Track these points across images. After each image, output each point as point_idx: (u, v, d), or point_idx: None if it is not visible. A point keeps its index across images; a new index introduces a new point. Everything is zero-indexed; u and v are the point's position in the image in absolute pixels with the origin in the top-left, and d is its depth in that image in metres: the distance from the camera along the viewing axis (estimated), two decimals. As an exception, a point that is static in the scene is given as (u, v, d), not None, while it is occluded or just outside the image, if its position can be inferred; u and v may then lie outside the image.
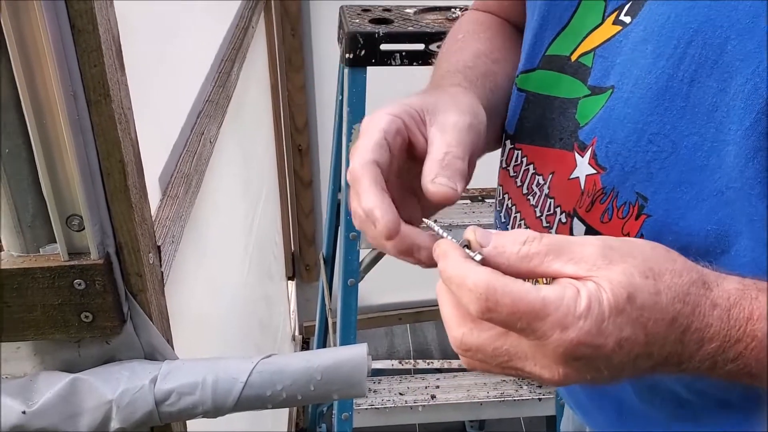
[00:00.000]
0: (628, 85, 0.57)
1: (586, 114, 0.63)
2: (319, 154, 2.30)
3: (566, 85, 0.66)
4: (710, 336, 0.47)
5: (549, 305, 0.43)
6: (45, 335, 0.62)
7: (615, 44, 0.60)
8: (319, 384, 0.64)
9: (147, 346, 0.66)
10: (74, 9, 0.52)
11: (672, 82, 0.54)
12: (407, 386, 1.67)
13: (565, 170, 0.65)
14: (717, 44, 0.51)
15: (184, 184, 0.81)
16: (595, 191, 0.60)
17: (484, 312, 0.44)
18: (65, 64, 0.53)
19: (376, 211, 0.51)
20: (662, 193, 0.56)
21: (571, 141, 0.64)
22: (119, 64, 0.57)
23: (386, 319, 2.57)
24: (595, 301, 0.43)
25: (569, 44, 0.66)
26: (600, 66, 0.62)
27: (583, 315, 0.43)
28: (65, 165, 0.56)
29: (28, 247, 0.60)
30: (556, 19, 0.67)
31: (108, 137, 0.57)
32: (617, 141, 0.58)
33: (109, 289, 0.60)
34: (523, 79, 0.71)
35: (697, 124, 0.53)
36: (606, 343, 0.44)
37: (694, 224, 0.54)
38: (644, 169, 0.56)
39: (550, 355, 0.44)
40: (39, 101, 0.54)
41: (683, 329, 0.46)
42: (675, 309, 0.46)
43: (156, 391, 0.62)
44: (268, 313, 1.92)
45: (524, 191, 0.71)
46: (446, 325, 0.48)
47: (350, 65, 1.37)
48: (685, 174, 0.54)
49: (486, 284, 0.43)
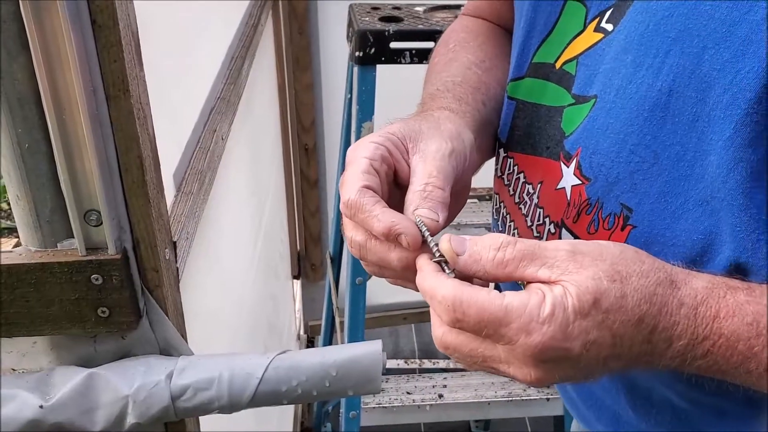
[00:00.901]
0: (610, 95, 0.57)
1: (570, 123, 0.62)
2: (326, 153, 2.30)
3: (552, 93, 0.65)
4: (678, 334, 0.48)
5: (511, 312, 0.45)
6: (62, 330, 0.62)
7: (597, 52, 0.60)
8: (335, 380, 0.64)
9: (162, 341, 0.66)
10: (95, 4, 0.52)
11: (651, 92, 0.53)
12: (414, 385, 1.67)
13: (552, 180, 0.64)
14: (694, 53, 0.51)
15: (198, 180, 0.81)
16: (580, 202, 0.60)
17: (454, 322, 0.47)
18: (85, 59, 0.53)
19: (397, 227, 0.52)
20: (646, 204, 0.55)
21: (557, 150, 0.64)
22: (138, 59, 0.58)
23: (391, 319, 2.57)
24: (559, 307, 0.45)
25: (554, 51, 0.65)
26: (583, 74, 0.61)
27: (546, 320, 0.45)
28: (84, 160, 0.56)
29: (45, 242, 0.60)
30: (541, 26, 0.66)
31: (126, 132, 0.57)
32: (600, 151, 0.58)
33: (125, 285, 0.61)
34: (512, 87, 0.71)
35: (678, 134, 0.52)
36: (572, 347, 0.46)
37: (680, 234, 0.54)
38: (628, 179, 0.56)
39: (520, 358, 0.46)
40: (59, 96, 0.54)
41: (650, 329, 0.48)
42: (641, 310, 0.47)
43: (172, 387, 0.63)
44: (275, 312, 1.92)
45: (516, 200, 0.71)
46: (432, 324, 0.51)
47: (360, 63, 1.37)
48: (668, 184, 0.54)
49: (453, 296, 0.47)
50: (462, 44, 0.78)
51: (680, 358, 0.49)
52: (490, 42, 0.79)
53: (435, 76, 0.73)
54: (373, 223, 0.53)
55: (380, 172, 0.56)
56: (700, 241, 0.53)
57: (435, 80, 0.72)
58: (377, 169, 0.56)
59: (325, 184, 2.36)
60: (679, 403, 0.62)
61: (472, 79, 0.72)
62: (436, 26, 1.38)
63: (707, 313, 0.48)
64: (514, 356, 0.47)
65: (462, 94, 0.69)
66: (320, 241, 2.46)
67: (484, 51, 0.76)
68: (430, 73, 0.76)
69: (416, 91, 0.91)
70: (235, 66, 1.18)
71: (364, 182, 0.54)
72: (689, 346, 0.48)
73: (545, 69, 0.66)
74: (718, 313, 0.48)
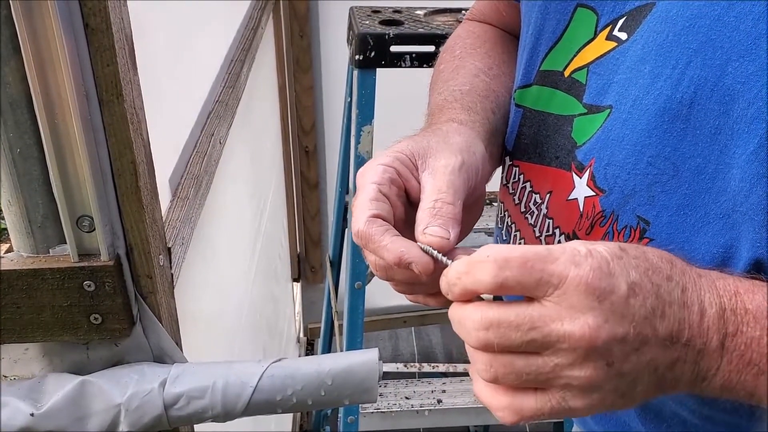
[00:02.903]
0: (626, 105, 0.56)
1: (582, 133, 0.61)
2: (326, 155, 2.30)
3: (560, 101, 0.64)
4: (708, 300, 0.47)
5: (555, 251, 0.44)
6: (54, 337, 0.61)
7: (611, 61, 0.59)
8: (330, 389, 0.63)
9: (156, 348, 0.65)
10: (87, 7, 0.51)
11: (671, 103, 0.53)
12: (413, 390, 1.66)
13: (562, 190, 0.63)
14: (717, 65, 0.50)
15: (194, 185, 0.80)
16: (594, 214, 0.59)
17: (498, 273, 0.44)
18: (78, 63, 0.53)
19: (406, 257, 0.51)
20: (665, 217, 0.54)
21: (567, 160, 0.63)
22: (132, 63, 0.57)
23: (391, 322, 2.56)
24: (593, 249, 0.45)
25: (562, 59, 0.64)
26: (595, 83, 0.60)
27: (588, 255, 0.44)
28: (76, 165, 0.56)
29: (37, 248, 0.60)
30: (550, 33, 0.65)
31: (120, 137, 0.56)
32: (616, 163, 0.57)
33: (118, 291, 0.60)
34: (520, 95, 0.70)
35: (699, 146, 0.52)
36: (620, 284, 0.44)
37: (700, 247, 0.53)
38: (645, 192, 0.55)
39: (574, 302, 0.43)
40: (51, 100, 0.53)
41: (681, 288, 0.46)
42: (666, 266, 0.46)
43: (165, 395, 0.62)
44: (274, 315, 1.91)
45: (522, 209, 0.70)
46: (464, 323, 0.47)
47: (360, 67, 1.36)
48: (688, 197, 0.53)
49: (490, 248, 0.45)
50: (469, 51, 0.77)
51: (716, 333, 0.46)
52: (497, 48, 0.77)
53: (442, 85, 0.72)
54: (383, 253, 0.52)
55: (390, 195, 0.55)
56: (719, 255, 0.52)
57: (442, 89, 0.71)
58: (386, 193, 0.55)
59: (325, 186, 2.36)
60: (691, 419, 0.61)
61: (480, 87, 0.71)
62: (437, 30, 1.38)
63: (727, 287, 0.47)
64: (567, 301, 0.43)
65: (471, 104, 0.68)
66: (320, 244, 2.45)
67: (491, 57, 0.75)
68: (435, 81, 0.75)
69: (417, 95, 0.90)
70: (234, 69, 1.18)
71: (373, 211, 0.53)
72: (721, 319, 0.46)
73: (554, 77, 0.65)
74: (737, 289, 0.47)
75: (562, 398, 0.45)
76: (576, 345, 0.43)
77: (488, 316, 0.45)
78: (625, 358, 0.45)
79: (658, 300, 0.45)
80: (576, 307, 0.43)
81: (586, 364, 0.44)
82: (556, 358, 0.44)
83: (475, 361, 0.47)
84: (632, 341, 0.44)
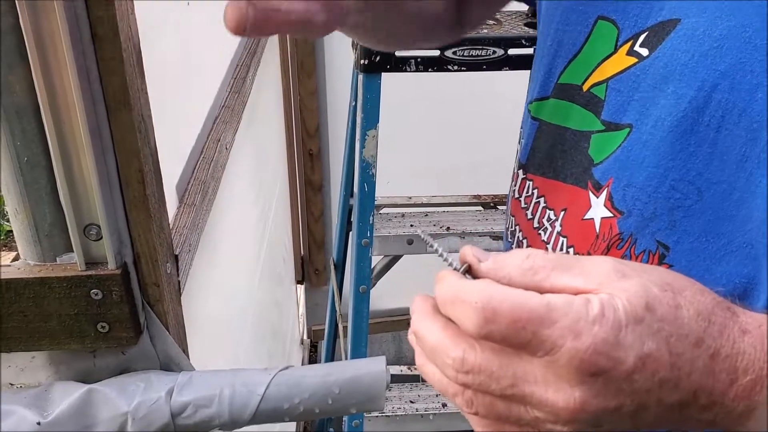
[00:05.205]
0: (647, 125, 0.54)
1: (600, 151, 0.60)
2: (330, 158, 2.30)
3: (578, 116, 0.63)
4: (744, 367, 0.40)
5: (556, 310, 0.38)
6: (61, 345, 0.61)
7: (631, 78, 0.57)
8: (338, 398, 0.63)
9: (163, 356, 0.65)
10: (95, 16, 0.51)
11: (698, 126, 0.50)
12: (418, 394, 1.65)
13: (578, 209, 0.62)
14: (746, 90, 0.48)
15: (201, 191, 0.80)
16: (611, 236, 0.57)
17: (482, 326, 0.38)
18: (85, 72, 0.53)
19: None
20: (686, 243, 0.52)
21: (584, 178, 0.61)
22: (140, 71, 0.57)
23: (394, 324, 2.56)
24: (609, 308, 0.38)
25: (581, 73, 0.62)
26: (614, 100, 0.59)
27: (597, 320, 0.38)
28: (84, 174, 0.55)
29: (44, 256, 0.59)
30: (569, 45, 0.64)
31: (127, 146, 0.56)
32: (635, 185, 0.55)
33: (125, 300, 0.60)
34: (536, 107, 0.68)
35: (726, 173, 0.49)
36: (626, 357, 0.38)
37: (721, 277, 0.50)
38: (666, 216, 0.53)
39: (563, 373, 0.38)
40: (58, 109, 0.53)
41: (712, 353, 0.40)
42: (700, 327, 0.40)
43: (172, 404, 0.62)
44: (278, 318, 1.91)
45: (535, 225, 0.68)
46: (439, 351, 0.42)
47: (365, 71, 1.36)
48: (712, 223, 0.51)
49: (480, 292, 0.39)
50: None
51: (746, 401, 0.41)
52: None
53: None
54: None
55: None
56: (741, 285, 0.50)
57: None
58: None
59: (330, 189, 2.36)
60: None
61: None
62: (442, 33, 1.37)
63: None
64: (555, 371, 0.39)
65: None
66: (324, 246, 2.45)
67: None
68: None
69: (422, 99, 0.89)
70: (240, 73, 1.17)
71: None
72: (757, 386, 0.40)
73: (571, 91, 0.64)
74: None
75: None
76: (558, 412, 0.40)
77: (470, 360, 0.40)
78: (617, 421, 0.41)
79: (672, 372, 0.40)
80: (564, 378, 0.39)
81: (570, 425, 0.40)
82: (537, 413, 0.41)
83: (455, 394, 0.43)
84: (627, 410, 0.40)
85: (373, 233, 1.49)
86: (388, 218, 1.66)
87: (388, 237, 1.59)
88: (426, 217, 1.68)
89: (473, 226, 1.63)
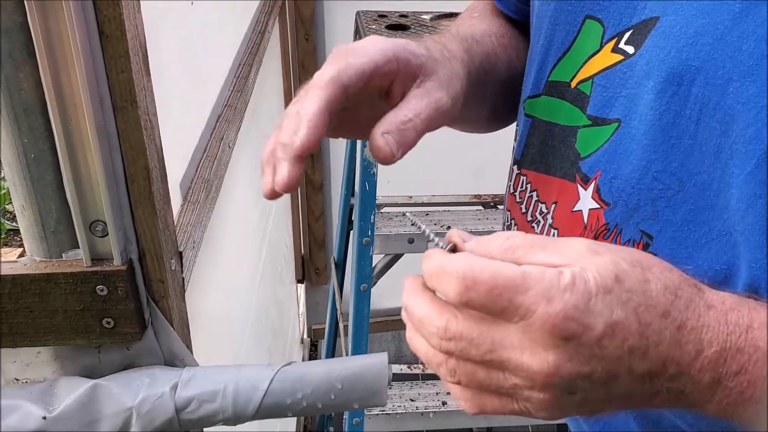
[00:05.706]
0: (634, 120, 0.56)
1: (587, 145, 0.61)
2: (330, 158, 2.30)
3: (566, 112, 0.64)
4: (709, 339, 0.43)
5: (530, 278, 0.41)
6: (66, 340, 0.62)
7: (617, 74, 0.59)
8: (340, 393, 0.64)
9: (167, 352, 0.65)
10: (103, 14, 0.52)
11: (679, 119, 0.52)
12: (418, 392, 1.66)
13: (567, 201, 0.64)
14: (719, 84, 0.49)
15: (205, 189, 0.81)
16: (598, 226, 0.59)
17: (463, 293, 0.41)
18: (92, 70, 0.53)
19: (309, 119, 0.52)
20: (668, 232, 0.54)
21: (572, 171, 0.63)
22: (146, 70, 0.57)
23: (394, 323, 2.56)
24: (580, 278, 0.41)
25: (570, 70, 0.64)
26: (600, 95, 0.60)
27: (568, 288, 0.40)
28: (90, 170, 0.56)
29: (50, 253, 0.60)
30: (559, 44, 0.66)
31: (133, 143, 0.57)
32: (621, 177, 0.57)
33: (131, 296, 0.60)
34: (529, 105, 0.70)
35: (705, 164, 0.51)
36: (596, 324, 0.40)
37: (702, 264, 0.52)
38: (649, 206, 0.55)
39: (537, 337, 0.41)
40: (65, 106, 0.54)
41: (678, 325, 0.43)
42: (667, 300, 0.42)
43: (176, 399, 0.62)
44: (279, 317, 1.92)
45: (528, 218, 0.70)
46: (425, 322, 0.44)
47: (366, 70, 1.36)
48: (693, 213, 0.52)
49: (462, 263, 0.42)
50: (487, 15, 0.78)
51: (711, 372, 0.43)
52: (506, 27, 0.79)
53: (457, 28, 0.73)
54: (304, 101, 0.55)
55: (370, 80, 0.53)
56: (721, 272, 0.51)
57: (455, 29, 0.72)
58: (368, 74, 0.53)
59: (330, 188, 2.36)
60: (688, 429, 0.61)
61: (488, 45, 0.72)
62: (444, 33, 1.38)
63: (739, 321, 0.44)
64: (530, 335, 0.41)
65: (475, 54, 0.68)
66: (324, 246, 2.46)
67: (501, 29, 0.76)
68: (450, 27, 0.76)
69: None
70: (243, 73, 1.18)
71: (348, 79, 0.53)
72: (721, 358, 0.43)
73: (561, 87, 0.65)
74: (752, 323, 0.44)
75: (524, 407, 0.44)
76: (533, 376, 0.42)
77: (452, 328, 0.43)
78: (590, 389, 0.43)
79: (641, 340, 0.42)
80: (538, 342, 0.41)
81: (546, 391, 0.42)
82: (515, 378, 0.43)
83: (439, 363, 0.46)
84: (599, 377, 0.42)
85: (374, 232, 1.50)
86: (388, 217, 1.67)
87: (389, 236, 1.60)
88: (427, 216, 1.69)
89: (474, 225, 1.64)
